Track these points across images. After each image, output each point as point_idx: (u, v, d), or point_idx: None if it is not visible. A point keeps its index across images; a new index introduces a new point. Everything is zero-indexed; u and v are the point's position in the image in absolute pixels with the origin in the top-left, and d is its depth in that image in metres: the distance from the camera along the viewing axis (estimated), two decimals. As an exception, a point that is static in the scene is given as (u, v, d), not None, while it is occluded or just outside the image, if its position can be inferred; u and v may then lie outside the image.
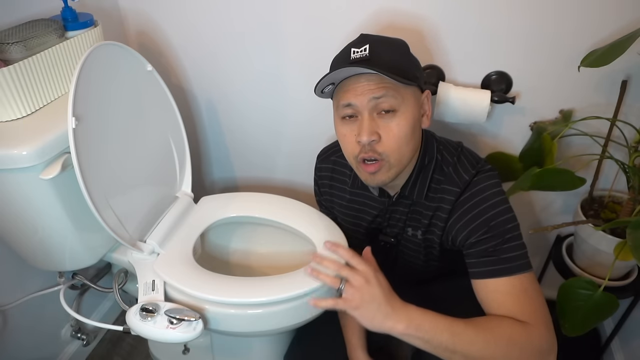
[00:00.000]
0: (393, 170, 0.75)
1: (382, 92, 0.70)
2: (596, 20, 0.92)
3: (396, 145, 0.73)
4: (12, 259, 0.98)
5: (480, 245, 0.74)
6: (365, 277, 0.69)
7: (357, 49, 0.72)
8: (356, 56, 0.72)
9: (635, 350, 1.11)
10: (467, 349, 0.66)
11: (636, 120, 1.00)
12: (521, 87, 1.04)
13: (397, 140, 0.72)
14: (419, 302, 0.70)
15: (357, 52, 0.72)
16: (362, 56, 0.71)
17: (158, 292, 0.87)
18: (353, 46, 0.73)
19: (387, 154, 0.73)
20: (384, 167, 0.75)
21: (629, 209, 0.96)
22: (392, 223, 0.89)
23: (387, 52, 0.72)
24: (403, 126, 0.72)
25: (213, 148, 1.43)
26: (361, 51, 0.71)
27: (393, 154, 0.73)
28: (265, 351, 1.09)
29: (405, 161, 0.76)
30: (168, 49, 1.24)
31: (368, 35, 0.75)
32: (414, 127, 0.74)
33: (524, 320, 0.69)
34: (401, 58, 0.73)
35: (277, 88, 1.22)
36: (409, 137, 0.73)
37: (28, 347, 1.09)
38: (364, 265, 0.71)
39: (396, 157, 0.74)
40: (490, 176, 0.78)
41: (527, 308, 0.70)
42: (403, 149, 0.74)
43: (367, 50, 0.71)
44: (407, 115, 0.72)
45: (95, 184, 0.80)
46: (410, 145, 0.75)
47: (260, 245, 1.17)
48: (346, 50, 0.74)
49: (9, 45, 0.81)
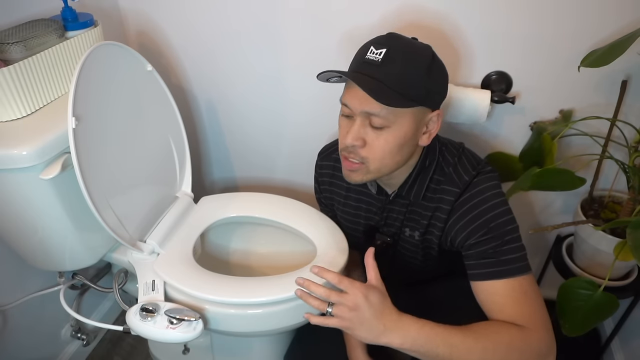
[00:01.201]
0: (370, 175, 0.75)
1: (376, 109, 0.68)
2: (596, 21, 0.92)
3: (378, 157, 0.72)
4: (12, 259, 0.98)
5: (479, 246, 0.74)
6: (353, 302, 0.66)
7: (375, 49, 0.69)
8: (370, 57, 0.69)
9: (635, 350, 1.11)
10: (464, 358, 0.66)
11: (636, 120, 1.00)
12: (521, 87, 1.04)
13: (381, 153, 0.72)
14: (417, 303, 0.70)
15: (373, 53, 0.69)
16: (374, 60, 0.69)
17: (158, 292, 0.87)
18: (374, 44, 0.70)
19: (368, 160, 0.73)
20: (362, 170, 0.75)
21: (629, 209, 0.96)
22: (389, 222, 0.89)
23: (401, 63, 0.68)
24: (390, 142, 0.71)
25: (213, 148, 1.43)
26: (377, 54, 0.69)
27: (374, 163, 0.73)
28: (265, 351, 1.09)
29: (385, 171, 0.75)
30: (168, 49, 1.24)
31: (394, 36, 0.72)
32: (404, 144, 0.73)
33: (523, 322, 0.69)
34: (414, 73, 0.69)
35: (277, 89, 1.22)
36: (394, 153, 0.73)
37: (28, 347, 1.09)
38: (354, 288, 0.67)
39: (376, 166, 0.74)
40: (491, 177, 0.78)
41: (526, 310, 0.70)
42: (386, 161, 0.73)
43: (382, 55, 0.68)
44: (397, 133, 0.71)
45: (95, 184, 0.80)
46: (394, 159, 0.74)
47: (260, 245, 1.17)
48: (367, 45, 0.71)
49: (9, 45, 0.81)
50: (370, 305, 0.66)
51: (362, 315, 0.66)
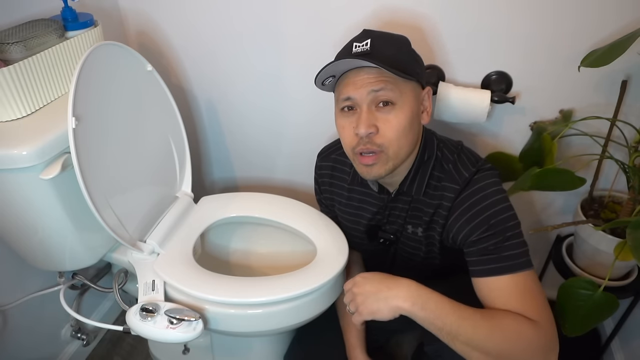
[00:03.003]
0: (390, 163, 0.76)
1: (380, 85, 0.71)
2: (596, 21, 0.92)
3: (394, 137, 0.73)
4: (12, 259, 0.98)
5: (481, 243, 0.74)
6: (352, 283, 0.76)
7: (359, 43, 0.74)
8: (358, 50, 0.73)
9: (635, 350, 1.11)
10: (471, 335, 0.66)
11: (636, 120, 1.00)
12: (521, 87, 1.04)
13: (396, 132, 0.73)
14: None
15: (359, 46, 0.73)
16: (363, 50, 0.72)
17: (158, 292, 0.87)
18: (355, 41, 0.75)
19: (385, 146, 0.74)
20: (382, 160, 0.75)
21: (629, 209, 0.96)
22: (392, 220, 0.89)
23: (388, 47, 0.73)
24: (401, 119, 0.73)
25: (213, 148, 1.43)
26: (363, 45, 0.73)
27: (391, 146, 0.74)
28: (265, 351, 1.09)
29: (403, 154, 0.76)
30: (168, 49, 1.24)
31: (370, 31, 0.77)
32: (412, 121, 0.75)
33: (529, 317, 0.69)
34: (402, 53, 0.75)
35: (277, 88, 1.22)
36: (407, 130, 0.74)
37: (28, 347, 1.09)
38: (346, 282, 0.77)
39: (394, 149, 0.74)
40: (491, 175, 0.78)
41: (531, 306, 0.70)
42: (402, 141, 0.74)
43: (369, 44, 0.72)
44: (405, 108, 0.73)
45: (95, 184, 0.80)
46: (408, 138, 0.75)
47: (260, 245, 1.17)
48: (348, 45, 0.76)
49: (9, 45, 0.81)
50: (366, 279, 0.74)
51: (364, 288, 0.73)
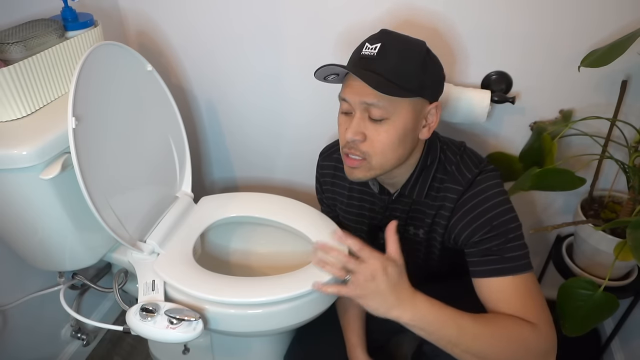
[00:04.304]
0: (372, 172, 0.75)
1: (374, 99, 0.69)
2: (596, 20, 0.92)
3: (380, 150, 0.73)
4: (12, 259, 0.98)
5: (483, 244, 0.74)
6: (372, 272, 0.66)
7: (370, 45, 0.72)
8: (366, 52, 0.72)
9: (635, 350, 1.11)
10: (470, 343, 0.66)
11: (636, 120, 1.00)
12: (521, 87, 1.04)
13: (382, 146, 0.72)
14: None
15: (369, 48, 0.72)
16: (370, 54, 0.71)
17: (158, 292, 0.87)
18: (368, 41, 0.73)
19: (369, 155, 0.73)
20: (364, 167, 0.75)
21: (629, 209, 0.96)
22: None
23: (394, 56, 0.70)
24: (392, 134, 0.72)
25: (213, 148, 1.43)
26: (372, 49, 0.71)
27: (375, 157, 0.73)
28: (265, 351, 1.09)
29: (388, 166, 0.75)
30: (168, 49, 1.24)
31: (387, 32, 0.74)
32: (405, 137, 0.73)
33: (528, 319, 0.69)
34: (409, 65, 0.70)
35: (277, 89, 1.22)
36: (396, 146, 0.73)
37: (28, 347, 1.09)
38: (373, 258, 0.66)
39: (379, 160, 0.74)
40: (493, 176, 0.78)
41: (531, 308, 0.70)
42: (388, 155, 0.73)
43: (377, 49, 0.71)
44: (397, 125, 0.71)
45: (95, 184, 0.80)
46: (396, 152, 0.74)
47: (260, 245, 1.17)
48: (362, 43, 0.74)
49: (9, 45, 0.81)
50: (387, 277, 0.66)
51: (378, 286, 0.65)
